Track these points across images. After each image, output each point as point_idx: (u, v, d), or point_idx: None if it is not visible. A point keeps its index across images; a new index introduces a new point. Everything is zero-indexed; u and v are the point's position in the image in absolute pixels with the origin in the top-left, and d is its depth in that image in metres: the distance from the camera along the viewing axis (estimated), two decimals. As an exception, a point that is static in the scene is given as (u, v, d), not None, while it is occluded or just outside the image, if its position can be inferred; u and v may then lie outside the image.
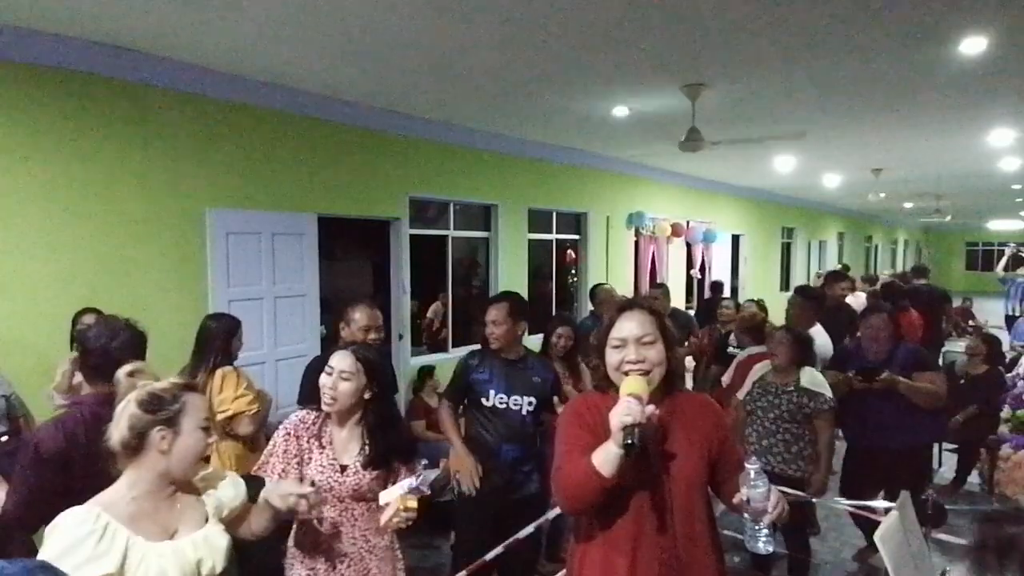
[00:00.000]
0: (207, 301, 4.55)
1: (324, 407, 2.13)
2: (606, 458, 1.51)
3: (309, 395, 2.39)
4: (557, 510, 2.81)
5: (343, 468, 2.10)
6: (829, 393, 3.38)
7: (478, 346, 3.24)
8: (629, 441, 1.46)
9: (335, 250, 5.78)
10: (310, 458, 2.12)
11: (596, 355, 1.76)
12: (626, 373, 1.63)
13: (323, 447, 2.13)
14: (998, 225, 23.06)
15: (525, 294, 7.50)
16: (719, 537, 1.80)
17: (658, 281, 9.57)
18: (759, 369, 3.64)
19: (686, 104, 5.05)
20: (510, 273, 7.26)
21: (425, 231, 6.48)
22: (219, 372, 3.20)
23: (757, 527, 1.54)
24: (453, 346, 6.81)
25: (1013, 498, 3.98)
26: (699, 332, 6.05)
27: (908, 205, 16.09)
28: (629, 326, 1.67)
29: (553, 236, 8.20)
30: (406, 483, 1.96)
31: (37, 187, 3.78)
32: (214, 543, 1.63)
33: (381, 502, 1.98)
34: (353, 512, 2.12)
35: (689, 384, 4.98)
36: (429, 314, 7.95)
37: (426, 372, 5.66)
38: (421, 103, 5.41)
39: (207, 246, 4.56)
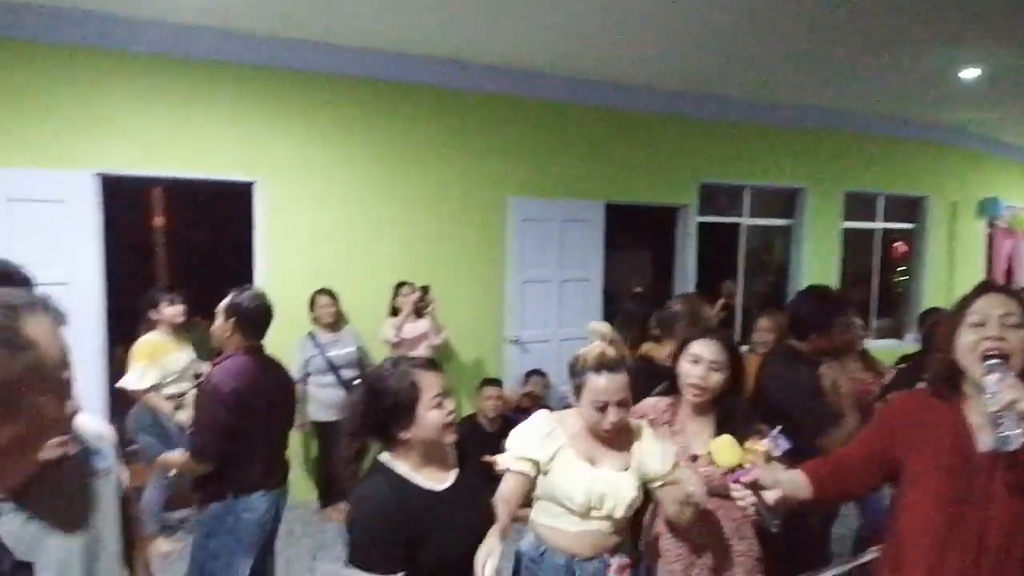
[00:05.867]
0: (504, 280, 5.08)
1: (693, 397, 2.07)
2: None
3: None
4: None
5: (694, 458, 2.02)
6: None
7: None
8: None
9: (616, 239, 5.82)
10: None
11: (944, 344, 1.56)
12: (984, 356, 1.44)
13: (673, 435, 2.09)
14: None
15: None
16: None
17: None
18: None
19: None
20: (815, 268, 6.48)
21: (715, 219, 6.17)
22: None
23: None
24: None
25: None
26: None
27: None
28: (990, 303, 1.50)
29: (877, 225, 7.05)
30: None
31: (384, 183, 4.69)
32: (621, 492, 1.85)
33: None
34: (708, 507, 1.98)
35: None
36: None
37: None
38: (716, 81, 5.17)
39: (508, 230, 5.06)
